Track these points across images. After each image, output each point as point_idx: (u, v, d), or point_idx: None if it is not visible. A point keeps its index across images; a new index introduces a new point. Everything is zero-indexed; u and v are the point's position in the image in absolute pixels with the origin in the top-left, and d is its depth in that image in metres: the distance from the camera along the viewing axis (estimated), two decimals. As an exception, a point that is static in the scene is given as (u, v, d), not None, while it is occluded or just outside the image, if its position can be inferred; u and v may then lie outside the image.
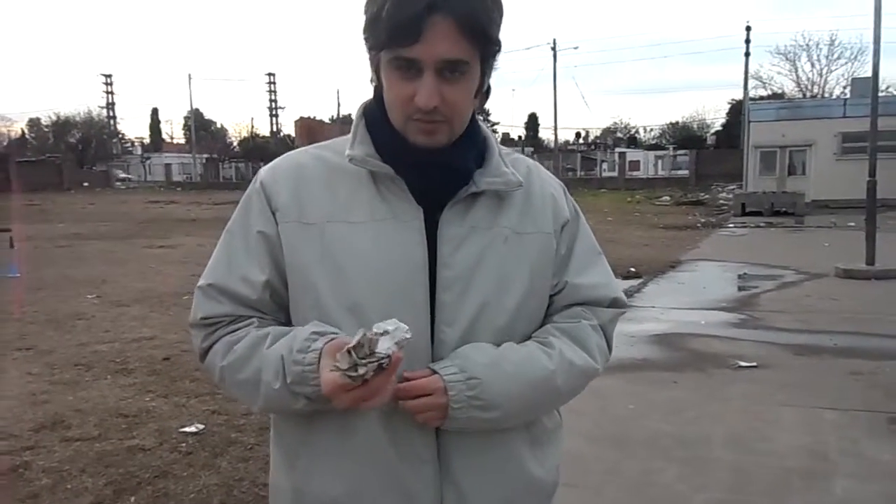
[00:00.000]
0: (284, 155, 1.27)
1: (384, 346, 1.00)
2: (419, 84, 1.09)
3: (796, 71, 47.52)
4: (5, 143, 53.78)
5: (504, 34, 1.15)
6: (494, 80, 1.20)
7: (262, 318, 1.20)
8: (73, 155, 53.43)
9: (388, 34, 1.07)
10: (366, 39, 1.13)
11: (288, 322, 1.21)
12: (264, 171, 1.25)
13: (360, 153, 1.17)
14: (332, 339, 1.07)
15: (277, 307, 1.21)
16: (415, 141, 1.14)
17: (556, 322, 1.27)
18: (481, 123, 1.25)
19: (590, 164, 54.60)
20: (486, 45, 1.12)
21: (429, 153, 1.15)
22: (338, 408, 1.06)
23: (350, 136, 1.21)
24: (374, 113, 1.19)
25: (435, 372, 1.14)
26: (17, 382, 5.52)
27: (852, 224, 16.05)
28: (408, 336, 1.01)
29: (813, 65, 47.51)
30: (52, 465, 3.96)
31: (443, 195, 1.18)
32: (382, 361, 1.00)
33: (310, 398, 1.09)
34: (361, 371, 1.00)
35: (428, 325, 1.15)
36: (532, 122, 69.65)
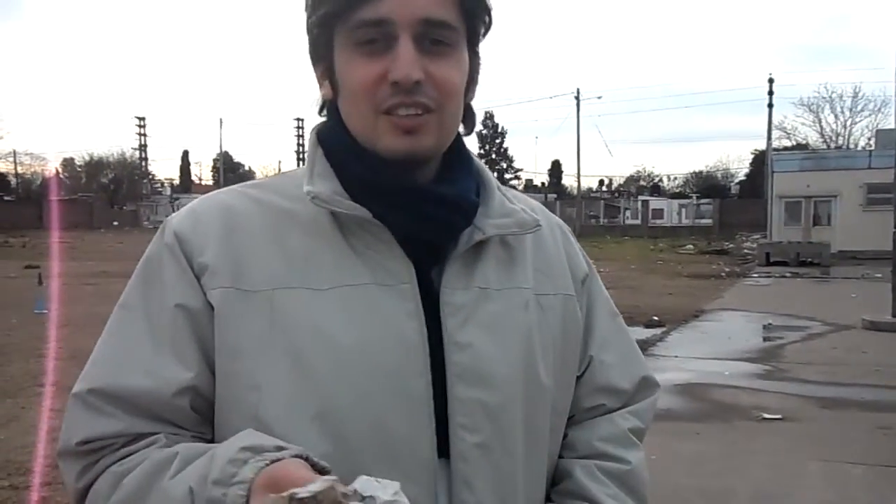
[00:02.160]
0: (203, 197, 0.91)
1: None
2: (392, 57, 0.79)
3: (820, 122, 47.53)
4: (39, 182, 55.13)
5: (527, 83, 0.89)
6: (517, 128, 0.92)
7: (173, 435, 0.81)
8: (105, 195, 54.55)
9: None
10: (315, 27, 0.84)
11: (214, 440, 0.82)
12: (177, 217, 0.88)
13: (325, 190, 0.83)
14: (274, 464, 0.68)
15: (202, 420, 0.83)
16: (388, 146, 0.82)
17: (600, 451, 0.97)
18: (470, 150, 0.95)
19: (613, 211, 54.63)
20: (477, 14, 0.84)
21: (418, 183, 0.85)
22: None
23: (305, 169, 0.87)
24: (334, 136, 0.87)
25: None
26: (39, 418, 5.56)
27: (879, 275, 15.80)
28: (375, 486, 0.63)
29: (837, 116, 47.48)
30: (69, 501, 3.97)
31: (436, 244, 0.86)
32: None
33: None
34: None
35: (432, 428, 0.82)
36: (555, 170, 69.97)
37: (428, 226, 0.84)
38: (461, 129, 0.91)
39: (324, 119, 0.92)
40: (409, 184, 0.84)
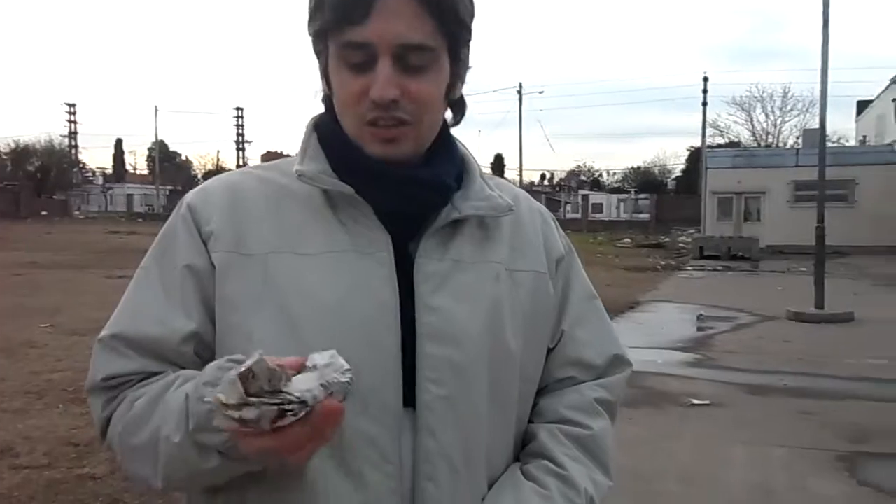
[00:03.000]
0: (217, 176, 1.05)
1: (302, 387, 0.73)
2: (373, 75, 0.90)
3: (752, 121, 49.28)
4: (-39, 170, 52.67)
5: (471, 76, 0.97)
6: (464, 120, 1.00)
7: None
8: (32, 183, 52.43)
9: (333, 11, 0.90)
10: (311, 34, 0.96)
11: None
12: (192, 193, 1.02)
13: (313, 168, 0.95)
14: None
15: (204, 364, 0.91)
16: (372, 152, 0.93)
17: (565, 417, 1.05)
18: (458, 141, 1.05)
19: (554, 205, 55.38)
20: (454, 29, 0.93)
21: (398, 167, 0.94)
22: (250, 456, 0.78)
23: (299, 152, 0.99)
24: (328, 127, 0.99)
25: None
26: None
27: (804, 269, 16.51)
28: (345, 380, 0.76)
29: (767, 115, 49.29)
30: (0, 491, 3.87)
31: (416, 221, 0.97)
32: (289, 409, 0.72)
33: (224, 453, 0.81)
34: (249, 415, 0.71)
35: (399, 378, 0.92)
36: (498, 163, 70.47)
37: (403, 203, 0.95)
38: (450, 119, 1.03)
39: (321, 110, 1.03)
40: (389, 167, 0.94)
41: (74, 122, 73.77)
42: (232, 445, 0.79)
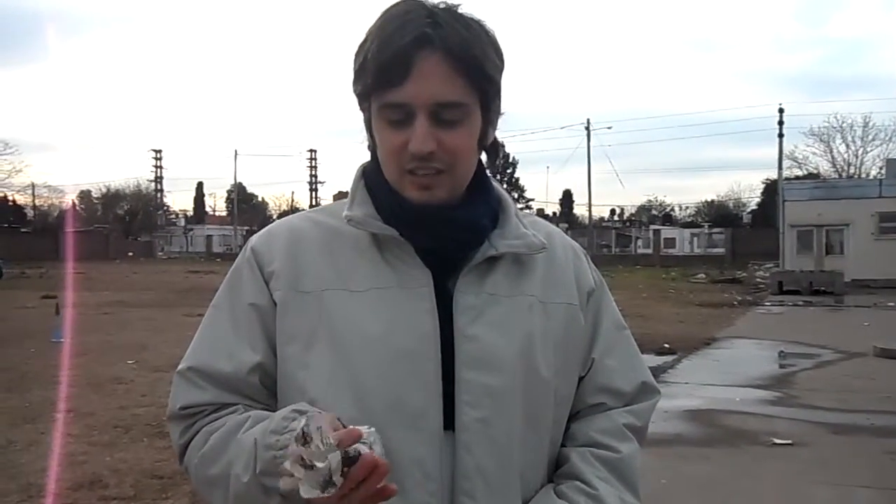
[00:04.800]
0: (277, 221, 1.17)
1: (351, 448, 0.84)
2: (412, 130, 0.99)
3: (831, 152, 47.43)
4: (56, 214, 55.85)
5: (538, 114, 1.04)
6: (528, 158, 1.09)
7: (250, 406, 1.03)
8: (120, 226, 55.16)
9: (374, 76, 0.98)
10: (356, 93, 1.05)
11: None
12: (255, 237, 1.13)
13: (360, 213, 1.05)
14: (314, 416, 0.87)
15: (270, 393, 1.05)
16: (410, 197, 1.02)
17: (596, 441, 1.11)
18: (495, 182, 1.13)
19: (625, 240, 54.71)
20: (483, 85, 1.01)
21: (436, 210, 1.03)
22: None
23: (348, 198, 1.09)
24: (374, 174, 1.08)
25: None
26: (58, 443, 5.67)
27: (892, 304, 15.76)
28: (372, 429, 0.86)
29: (848, 146, 47.38)
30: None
31: (455, 259, 1.05)
32: (349, 450, 0.82)
33: (284, 496, 0.87)
34: (320, 465, 0.81)
35: (440, 402, 1.00)
36: (567, 199, 70.23)
37: (441, 242, 1.04)
38: (485, 160, 1.11)
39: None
40: (428, 210, 1.03)
41: (160, 167, 77.25)
42: (292, 489, 0.85)
